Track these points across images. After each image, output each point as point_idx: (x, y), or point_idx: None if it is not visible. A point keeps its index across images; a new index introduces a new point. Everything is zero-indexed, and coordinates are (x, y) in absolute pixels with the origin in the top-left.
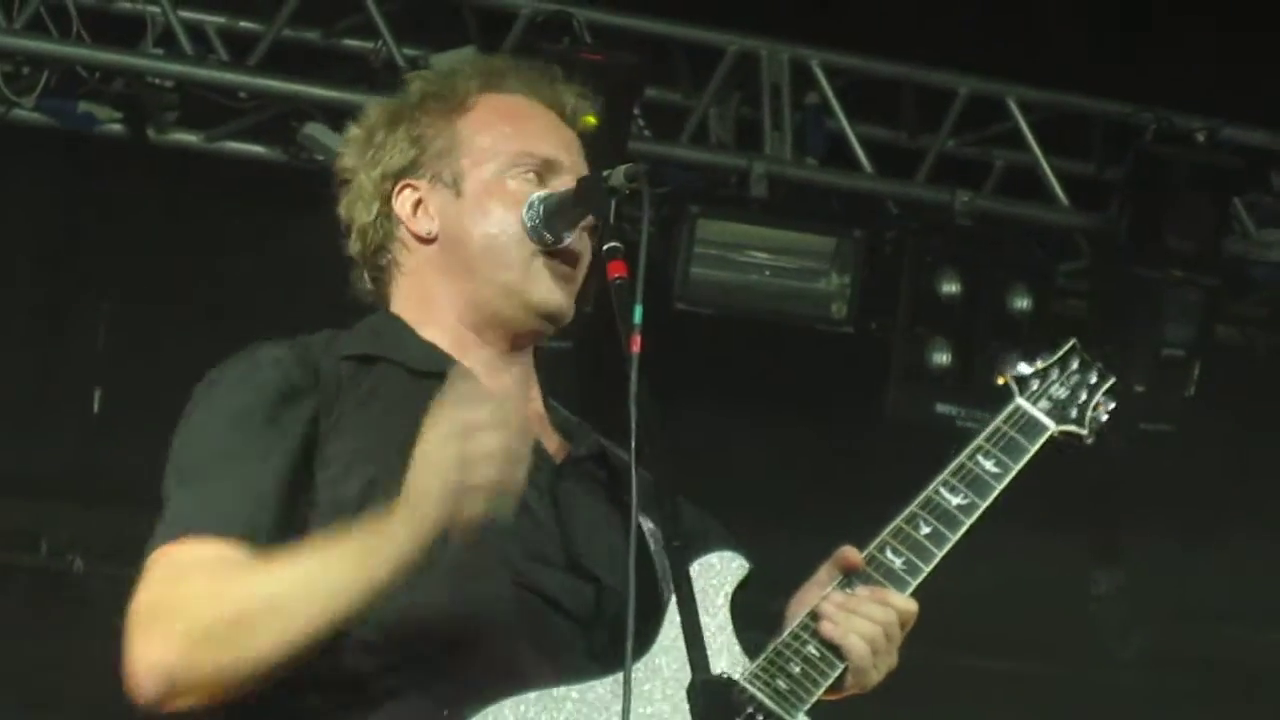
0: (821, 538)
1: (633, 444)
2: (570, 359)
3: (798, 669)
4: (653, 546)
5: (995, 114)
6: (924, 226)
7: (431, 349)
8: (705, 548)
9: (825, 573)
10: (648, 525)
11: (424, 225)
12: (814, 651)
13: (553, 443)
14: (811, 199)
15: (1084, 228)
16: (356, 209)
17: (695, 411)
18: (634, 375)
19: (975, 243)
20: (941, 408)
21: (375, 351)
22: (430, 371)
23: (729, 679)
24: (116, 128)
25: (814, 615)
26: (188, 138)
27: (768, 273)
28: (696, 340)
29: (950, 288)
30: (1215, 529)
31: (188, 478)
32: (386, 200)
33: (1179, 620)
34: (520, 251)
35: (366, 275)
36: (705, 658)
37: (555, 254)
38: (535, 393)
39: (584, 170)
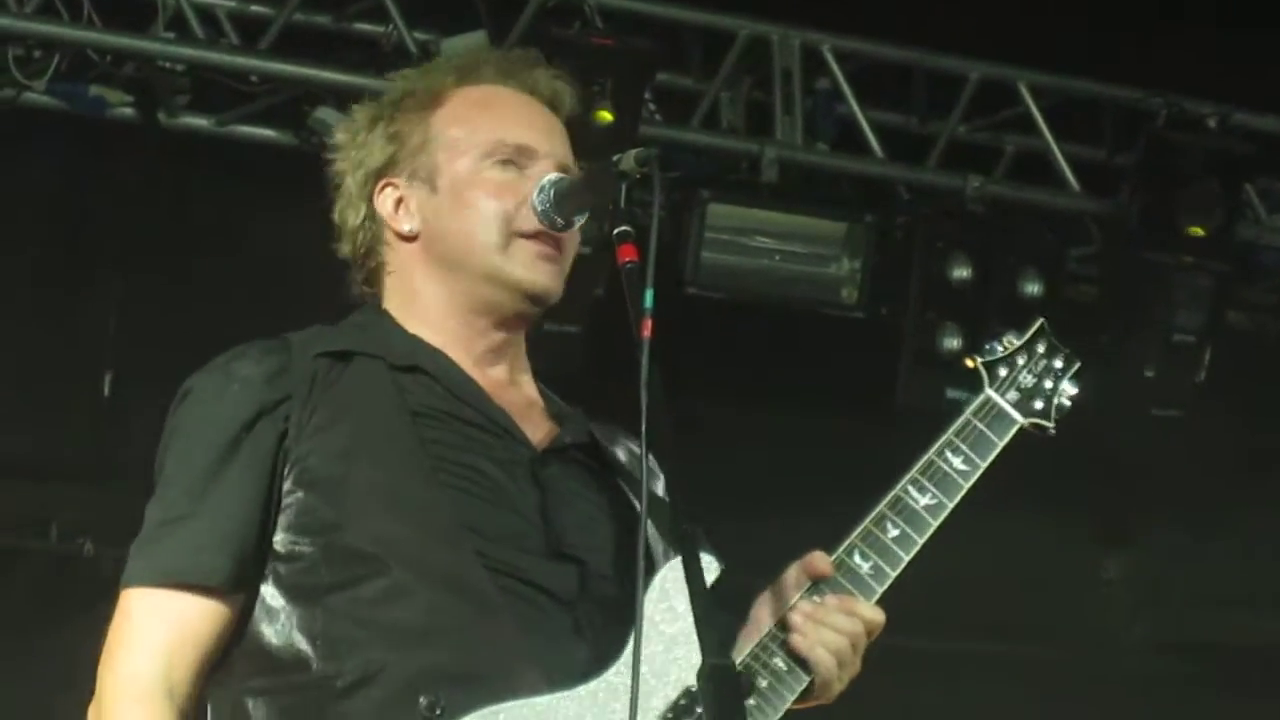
0: (830, 522)
1: (644, 428)
2: (577, 343)
3: (765, 683)
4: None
5: (1006, 99)
6: (935, 211)
7: (416, 342)
8: None
9: (793, 576)
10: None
11: (405, 223)
12: (781, 665)
13: (541, 430)
14: (822, 184)
15: (1095, 213)
16: (347, 213)
17: (705, 396)
18: (645, 360)
19: (986, 228)
20: (952, 393)
21: (354, 347)
22: (409, 365)
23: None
24: (127, 111)
25: (782, 626)
26: (198, 122)
27: (778, 257)
28: (707, 325)
29: (961, 273)
30: (1224, 515)
31: (157, 514)
32: (370, 201)
33: (1187, 606)
34: (497, 237)
35: (360, 278)
36: (716, 641)
37: (531, 236)
38: (526, 380)
39: (565, 154)
